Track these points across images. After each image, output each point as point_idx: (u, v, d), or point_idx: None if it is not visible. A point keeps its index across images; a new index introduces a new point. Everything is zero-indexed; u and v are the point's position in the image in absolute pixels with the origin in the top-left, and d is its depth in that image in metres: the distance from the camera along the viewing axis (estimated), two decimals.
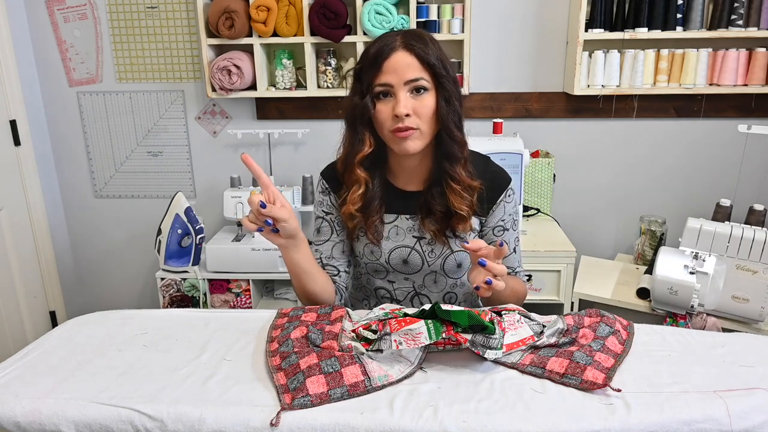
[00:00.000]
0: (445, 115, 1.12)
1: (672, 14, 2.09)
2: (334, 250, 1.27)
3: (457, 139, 1.15)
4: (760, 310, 1.66)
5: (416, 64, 1.09)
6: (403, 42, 1.10)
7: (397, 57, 1.09)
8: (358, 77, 1.15)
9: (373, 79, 1.11)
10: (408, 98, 1.10)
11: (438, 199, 1.19)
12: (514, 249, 1.27)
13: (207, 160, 2.55)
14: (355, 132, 1.16)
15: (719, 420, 0.78)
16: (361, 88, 1.14)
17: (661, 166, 2.41)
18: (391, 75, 1.09)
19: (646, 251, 2.19)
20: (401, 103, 1.09)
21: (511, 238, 1.26)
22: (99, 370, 0.93)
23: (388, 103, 1.11)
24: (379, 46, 1.11)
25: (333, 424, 0.79)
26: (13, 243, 2.39)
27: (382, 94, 1.11)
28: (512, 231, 1.26)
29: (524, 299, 1.24)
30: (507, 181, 1.25)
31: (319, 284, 1.19)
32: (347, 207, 1.20)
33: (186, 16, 2.38)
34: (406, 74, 1.09)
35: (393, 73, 1.09)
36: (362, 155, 1.16)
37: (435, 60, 1.10)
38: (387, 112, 1.11)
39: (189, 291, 2.28)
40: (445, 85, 1.11)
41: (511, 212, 1.25)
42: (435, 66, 1.10)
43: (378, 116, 1.12)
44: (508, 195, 1.24)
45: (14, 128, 2.37)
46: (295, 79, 2.34)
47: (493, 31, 2.31)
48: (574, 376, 0.86)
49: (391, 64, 1.09)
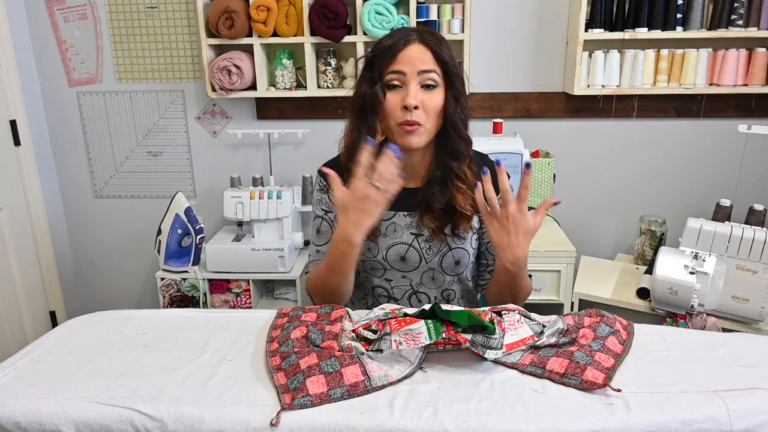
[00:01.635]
0: (453, 113, 1.13)
1: (672, 14, 2.09)
2: None
3: (464, 137, 1.16)
4: (760, 310, 1.66)
5: (430, 58, 1.11)
6: (420, 36, 1.12)
7: (413, 48, 1.11)
8: (369, 66, 1.16)
9: (385, 68, 1.12)
10: (418, 91, 1.11)
11: (438, 196, 1.20)
12: None
13: (207, 160, 2.55)
14: (364, 120, 1.16)
15: (719, 420, 0.78)
16: (371, 76, 1.14)
17: (661, 166, 2.41)
18: (405, 64, 1.10)
19: (646, 251, 2.19)
20: (411, 93, 1.10)
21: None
22: (99, 370, 0.93)
23: (397, 94, 1.12)
24: (394, 38, 1.13)
25: (333, 424, 0.79)
26: (13, 243, 2.39)
27: (393, 85, 1.12)
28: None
29: (528, 296, 1.24)
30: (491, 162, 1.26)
31: (350, 279, 1.17)
32: None
33: (186, 16, 2.38)
34: (420, 65, 1.10)
35: (407, 63, 1.10)
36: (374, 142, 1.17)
37: (448, 57, 1.12)
38: (396, 103, 1.12)
39: (189, 291, 2.28)
40: (455, 84, 1.13)
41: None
42: (447, 63, 1.12)
43: (386, 106, 1.13)
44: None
45: (14, 128, 2.37)
46: (295, 79, 2.34)
47: (493, 31, 2.31)
48: (574, 376, 0.86)
49: (406, 54, 1.11)
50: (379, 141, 1.17)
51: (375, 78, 1.14)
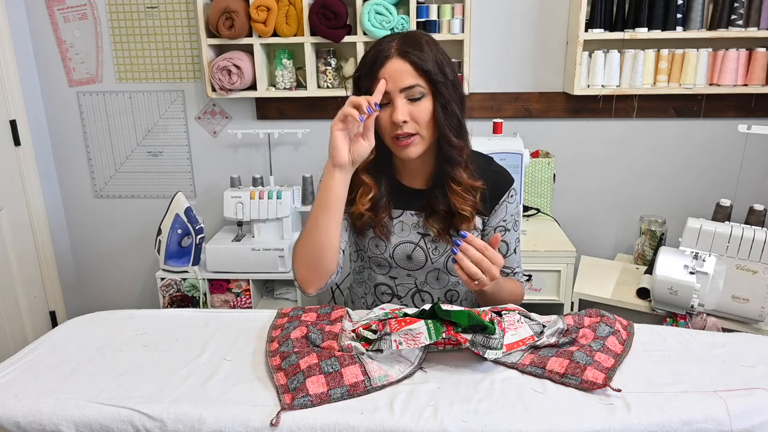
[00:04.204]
0: (442, 122, 1.12)
1: (672, 14, 2.09)
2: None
3: (455, 145, 1.15)
4: (760, 310, 1.66)
5: (411, 71, 1.09)
6: (398, 49, 1.10)
7: (392, 65, 1.09)
8: (357, 84, 1.17)
9: (370, 88, 1.11)
10: (405, 105, 1.11)
11: (441, 198, 1.21)
12: (515, 250, 1.28)
13: (207, 160, 2.55)
14: None
15: (719, 420, 0.79)
16: (359, 95, 1.14)
17: (661, 166, 2.41)
18: (387, 83, 1.10)
19: (646, 251, 2.19)
20: (398, 110, 1.10)
21: (512, 238, 1.27)
22: (99, 370, 0.93)
23: (386, 110, 1.12)
24: (375, 52, 1.12)
25: (333, 424, 0.79)
26: (13, 243, 2.39)
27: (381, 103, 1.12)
28: (513, 231, 1.27)
29: (521, 301, 1.24)
30: (510, 181, 1.26)
31: (332, 236, 1.14)
32: (357, 207, 1.21)
33: (186, 16, 2.38)
34: (402, 82, 1.09)
35: (389, 80, 1.09)
36: (365, 163, 1.17)
37: (431, 66, 1.10)
38: (386, 119, 1.12)
39: (189, 291, 2.28)
40: (442, 91, 1.11)
41: (513, 213, 1.26)
42: (430, 72, 1.10)
43: (378, 122, 1.14)
44: (510, 195, 1.25)
45: (14, 128, 2.37)
46: (295, 79, 2.34)
47: (493, 31, 2.31)
48: (574, 376, 0.86)
49: (386, 71, 1.10)
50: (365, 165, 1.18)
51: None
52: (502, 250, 1.25)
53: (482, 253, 1.02)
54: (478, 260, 1.02)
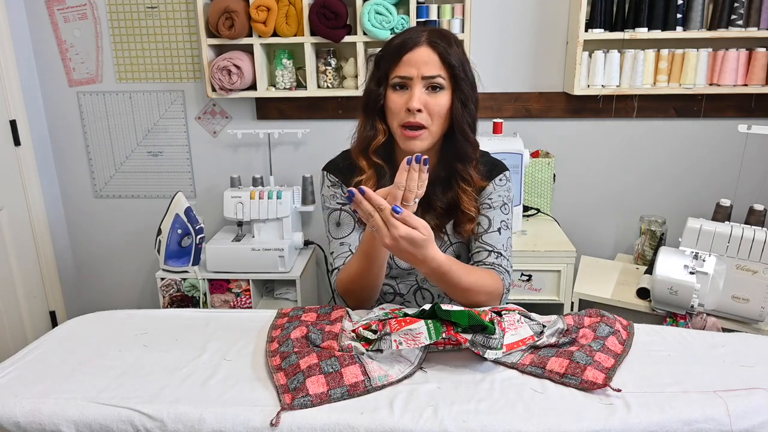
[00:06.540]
0: (460, 117, 1.13)
1: (672, 14, 2.09)
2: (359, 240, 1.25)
3: (471, 141, 1.16)
4: (760, 310, 1.66)
5: (437, 62, 1.10)
6: (428, 38, 1.11)
7: (419, 51, 1.10)
8: (377, 64, 1.16)
9: (391, 70, 1.12)
10: (422, 94, 1.11)
11: (440, 195, 1.21)
12: (498, 230, 1.21)
13: (207, 160, 2.55)
14: (368, 119, 1.18)
15: (719, 420, 0.79)
16: (378, 75, 1.15)
17: (662, 166, 2.41)
18: (410, 68, 1.10)
19: (646, 251, 2.19)
20: (415, 97, 1.10)
21: (496, 217, 1.21)
22: (99, 370, 0.93)
23: (402, 95, 1.12)
24: (403, 38, 1.12)
25: (333, 424, 0.79)
26: (13, 243, 2.39)
27: (399, 86, 1.12)
28: (499, 212, 1.22)
29: (497, 299, 1.14)
30: (502, 168, 1.26)
31: (384, 269, 1.15)
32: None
33: (186, 16, 2.38)
34: (425, 70, 1.10)
35: (413, 66, 1.10)
36: (376, 143, 1.17)
37: (456, 61, 1.11)
38: (400, 104, 1.12)
39: (189, 291, 2.28)
40: (462, 88, 1.12)
41: (502, 195, 1.23)
42: (455, 67, 1.11)
43: (391, 106, 1.13)
44: (500, 179, 1.24)
45: (14, 128, 2.36)
46: (295, 79, 2.34)
47: (493, 31, 2.31)
48: (574, 376, 0.86)
49: (412, 57, 1.10)
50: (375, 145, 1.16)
51: (381, 78, 1.14)
52: (483, 225, 1.21)
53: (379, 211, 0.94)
54: (366, 214, 0.94)
